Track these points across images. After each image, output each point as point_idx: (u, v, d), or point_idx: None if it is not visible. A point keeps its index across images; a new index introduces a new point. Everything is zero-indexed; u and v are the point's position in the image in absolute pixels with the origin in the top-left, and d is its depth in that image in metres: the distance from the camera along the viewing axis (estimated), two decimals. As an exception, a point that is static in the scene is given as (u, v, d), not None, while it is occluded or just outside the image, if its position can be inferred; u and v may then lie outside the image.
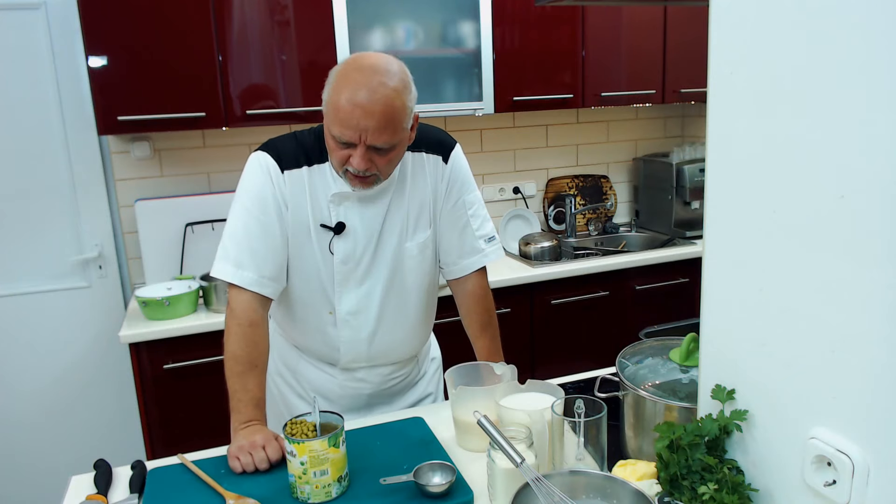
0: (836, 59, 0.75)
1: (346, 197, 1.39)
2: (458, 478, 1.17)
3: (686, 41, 2.96)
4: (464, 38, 2.58)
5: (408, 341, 1.55)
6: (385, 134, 1.25)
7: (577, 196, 3.24)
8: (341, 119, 1.24)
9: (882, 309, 0.73)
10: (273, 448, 1.24)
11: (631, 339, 1.39)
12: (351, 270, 1.43)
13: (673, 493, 0.97)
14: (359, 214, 1.41)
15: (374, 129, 1.24)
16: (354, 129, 1.24)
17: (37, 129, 2.52)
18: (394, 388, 1.59)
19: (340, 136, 1.26)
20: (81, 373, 2.70)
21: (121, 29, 2.23)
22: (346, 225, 1.39)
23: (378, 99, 1.23)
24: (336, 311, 1.45)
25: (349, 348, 1.49)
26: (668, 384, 1.19)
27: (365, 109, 1.22)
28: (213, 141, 2.70)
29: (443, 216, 1.50)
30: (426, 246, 1.49)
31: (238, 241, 1.37)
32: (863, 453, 0.77)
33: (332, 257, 1.41)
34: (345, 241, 1.41)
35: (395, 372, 1.57)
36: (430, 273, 1.53)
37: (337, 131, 1.26)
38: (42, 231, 2.59)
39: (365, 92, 1.23)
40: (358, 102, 1.22)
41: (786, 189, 0.83)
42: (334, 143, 1.29)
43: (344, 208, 1.39)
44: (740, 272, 0.92)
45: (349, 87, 1.24)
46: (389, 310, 1.48)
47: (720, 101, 0.92)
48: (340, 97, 1.24)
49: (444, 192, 1.49)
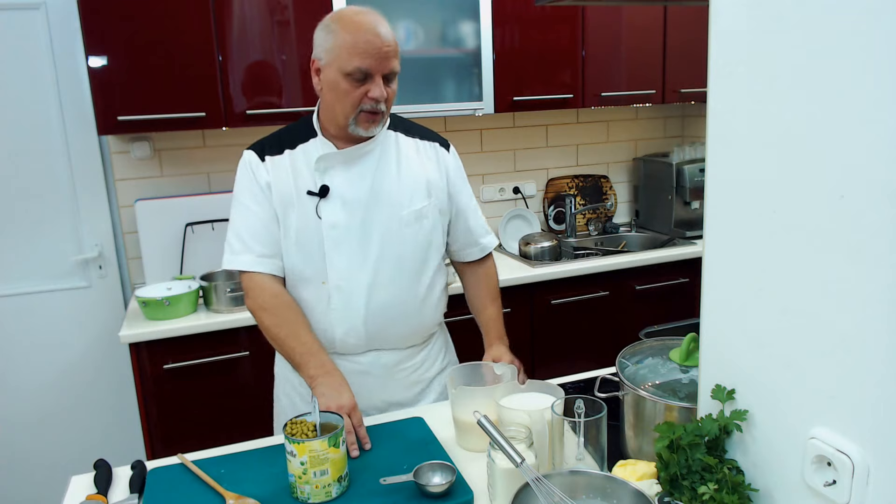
0: (836, 58, 0.75)
1: (330, 163, 1.46)
2: (458, 478, 1.17)
3: (686, 41, 2.95)
4: (464, 38, 2.58)
5: (406, 320, 1.53)
6: (397, 59, 1.41)
7: (577, 196, 3.24)
8: (362, 50, 1.36)
9: (882, 309, 0.73)
10: (357, 417, 1.32)
11: (631, 339, 1.39)
12: (342, 235, 1.46)
13: (673, 493, 0.97)
14: (345, 178, 1.46)
15: (392, 53, 1.39)
16: (376, 55, 1.36)
17: (37, 129, 2.52)
18: (405, 383, 1.57)
19: (363, 67, 1.36)
20: (81, 373, 2.70)
21: (121, 29, 2.23)
22: (329, 188, 1.46)
23: (388, 31, 1.40)
24: (329, 280, 1.47)
25: (343, 320, 1.48)
26: (668, 384, 1.19)
27: (383, 38, 1.37)
28: (213, 141, 2.70)
29: (452, 203, 1.59)
30: (423, 215, 1.51)
31: (234, 231, 1.50)
32: (863, 453, 0.77)
33: (321, 222, 1.45)
34: (332, 205, 1.46)
35: (402, 363, 1.56)
36: (429, 247, 1.54)
37: (359, 63, 1.36)
38: (42, 231, 2.59)
39: (377, 26, 1.38)
40: (376, 33, 1.37)
41: (786, 189, 0.83)
42: (349, 83, 1.38)
43: (329, 175, 1.47)
44: (740, 272, 0.92)
45: (360, 26, 1.37)
46: (383, 278, 1.48)
47: (720, 101, 0.92)
48: (357, 35, 1.36)
49: (451, 177, 1.59)
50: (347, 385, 1.36)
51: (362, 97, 1.39)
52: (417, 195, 1.51)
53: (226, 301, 2.29)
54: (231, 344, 2.29)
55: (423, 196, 1.52)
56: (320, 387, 1.34)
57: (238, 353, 2.30)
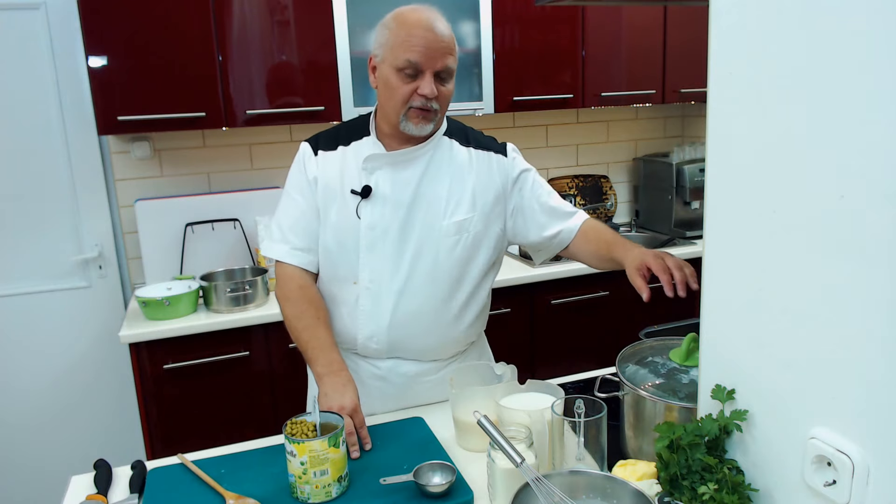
0: (836, 58, 0.75)
1: (378, 163, 1.45)
2: (458, 478, 1.17)
3: (686, 41, 2.95)
4: (464, 38, 2.58)
5: (432, 333, 1.49)
6: (452, 56, 1.40)
7: (577, 196, 3.24)
8: (413, 45, 1.35)
9: (882, 309, 0.73)
10: (360, 418, 1.30)
11: (631, 339, 1.40)
12: (378, 237, 1.44)
13: (673, 493, 0.97)
14: (390, 180, 1.44)
15: (445, 49, 1.37)
16: (427, 50, 1.35)
17: (37, 129, 2.52)
18: (425, 395, 1.53)
19: (413, 60, 1.35)
20: (81, 373, 2.70)
21: (121, 29, 2.23)
22: (372, 189, 1.44)
23: (444, 27, 1.39)
24: (360, 280, 1.46)
25: (368, 322, 1.46)
26: (668, 384, 1.19)
27: (437, 33, 1.37)
28: (213, 141, 2.70)
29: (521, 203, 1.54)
30: (464, 228, 1.46)
31: (277, 220, 1.52)
32: (863, 453, 0.77)
33: (360, 222, 1.44)
34: (372, 206, 1.44)
35: (423, 375, 1.52)
36: (469, 262, 1.48)
37: (409, 56, 1.35)
38: (42, 231, 2.59)
39: (433, 22, 1.38)
40: (430, 28, 1.36)
41: (786, 189, 0.83)
42: (399, 78, 1.37)
43: (376, 176, 1.45)
44: (740, 272, 0.92)
45: (416, 22, 1.37)
46: (414, 286, 1.45)
47: (720, 101, 0.92)
48: (411, 30, 1.36)
49: (513, 179, 1.53)
50: (353, 385, 1.34)
51: (412, 93, 1.37)
52: (462, 206, 1.46)
53: (226, 301, 2.29)
54: (231, 344, 2.29)
55: (466, 208, 1.46)
56: (324, 386, 1.33)
57: (238, 353, 2.30)
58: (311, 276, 1.51)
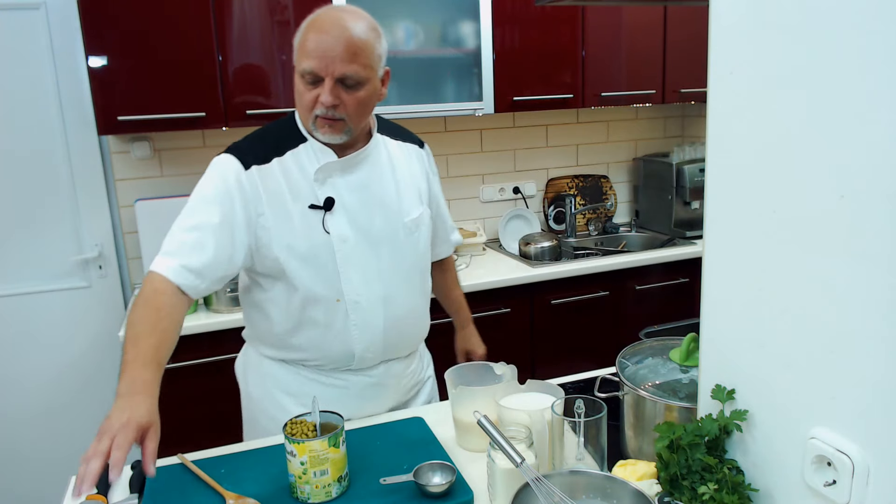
0: (836, 58, 0.75)
1: (329, 172, 1.37)
2: (458, 478, 1.17)
3: (686, 41, 2.95)
4: (464, 38, 2.58)
5: (416, 325, 1.54)
6: (352, 64, 1.27)
7: (577, 196, 3.24)
8: (309, 50, 1.27)
9: (882, 309, 0.73)
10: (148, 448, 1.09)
11: (631, 339, 1.39)
12: (351, 248, 1.39)
13: (673, 493, 0.97)
14: (346, 187, 1.38)
15: (341, 56, 1.26)
16: (322, 57, 1.26)
17: (37, 129, 2.52)
18: (406, 388, 1.57)
19: (309, 68, 1.27)
20: (81, 373, 2.70)
21: (121, 29, 2.22)
22: (334, 200, 1.37)
23: (344, 28, 1.27)
24: (344, 296, 1.40)
25: (363, 335, 1.42)
26: (668, 384, 1.19)
27: (333, 37, 1.26)
28: (213, 141, 2.70)
29: (432, 203, 1.59)
30: (420, 223, 1.49)
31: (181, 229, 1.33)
32: (863, 453, 0.77)
33: (330, 237, 1.37)
34: (337, 217, 1.37)
35: (406, 368, 1.55)
36: (426, 253, 1.54)
37: (306, 64, 1.27)
38: (42, 231, 2.59)
39: (332, 25, 1.28)
40: (326, 31, 1.27)
41: (786, 189, 0.83)
42: (303, 84, 1.30)
43: (329, 185, 1.37)
44: (740, 272, 0.92)
45: (318, 25, 1.29)
46: (395, 289, 1.45)
47: (720, 101, 0.92)
48: (309, 34, 1.29)
49: (431, 178, 1.58)
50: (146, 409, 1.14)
51: (314, 101, 1.29)
52: (413, 203, 1.48)
53: (226, 301, 2.29)
54: (231, 344, 2.29)
55: (416, 203, 1.49)
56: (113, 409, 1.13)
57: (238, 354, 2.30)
58: (182, 297, 1.28)
